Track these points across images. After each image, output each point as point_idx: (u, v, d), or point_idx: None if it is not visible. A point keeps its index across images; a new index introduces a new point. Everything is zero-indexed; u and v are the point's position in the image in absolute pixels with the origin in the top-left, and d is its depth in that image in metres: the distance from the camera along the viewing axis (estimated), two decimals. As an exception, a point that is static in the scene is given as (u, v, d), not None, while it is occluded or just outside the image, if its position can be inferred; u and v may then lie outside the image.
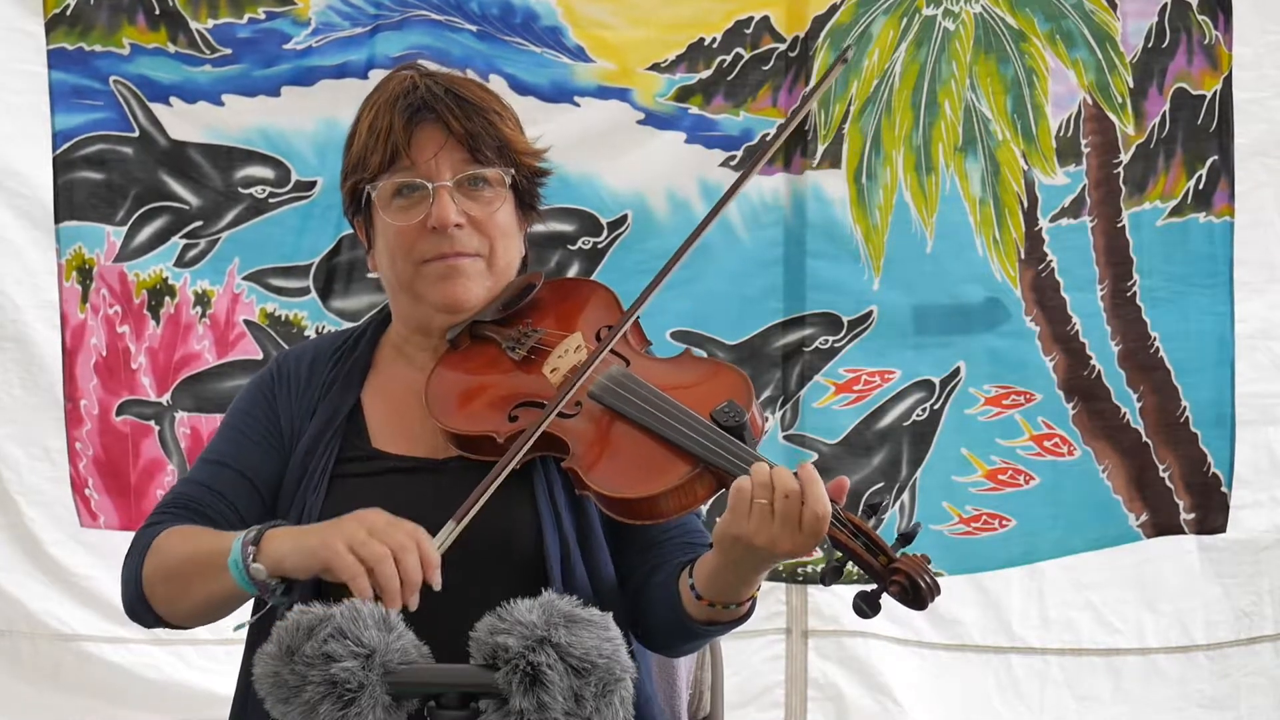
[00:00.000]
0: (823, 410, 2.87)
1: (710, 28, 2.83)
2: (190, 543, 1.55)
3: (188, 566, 1.53)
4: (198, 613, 1.56)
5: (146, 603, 1.58)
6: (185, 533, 1.57)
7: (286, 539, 1.46)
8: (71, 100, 2.77)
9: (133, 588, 1.58)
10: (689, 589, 1.50)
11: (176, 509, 1.60)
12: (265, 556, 1.46)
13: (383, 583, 1.40)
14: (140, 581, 1.57)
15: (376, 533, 1.42)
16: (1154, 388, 2.87)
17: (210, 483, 1.62)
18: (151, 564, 1.57)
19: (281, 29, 2.79)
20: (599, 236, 2.85)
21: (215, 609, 1.55)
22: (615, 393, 1.54)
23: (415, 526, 1.43)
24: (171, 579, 1.55)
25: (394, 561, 1.40)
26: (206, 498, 1.61)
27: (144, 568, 1.57)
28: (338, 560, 1.41)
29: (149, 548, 1.57)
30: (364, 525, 1.43)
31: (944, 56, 2.83)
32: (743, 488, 1.42)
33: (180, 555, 1.55)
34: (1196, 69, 2.84)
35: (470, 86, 1.66)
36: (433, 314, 1.64)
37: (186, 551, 1.54)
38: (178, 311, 2.82)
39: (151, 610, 1.58)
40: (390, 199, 1.63)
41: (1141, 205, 2.86)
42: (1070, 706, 2.90)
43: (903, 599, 1.42)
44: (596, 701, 1.28)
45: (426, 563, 1.41)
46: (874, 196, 2.85)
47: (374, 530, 1.42)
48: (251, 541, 1.47)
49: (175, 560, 1.55)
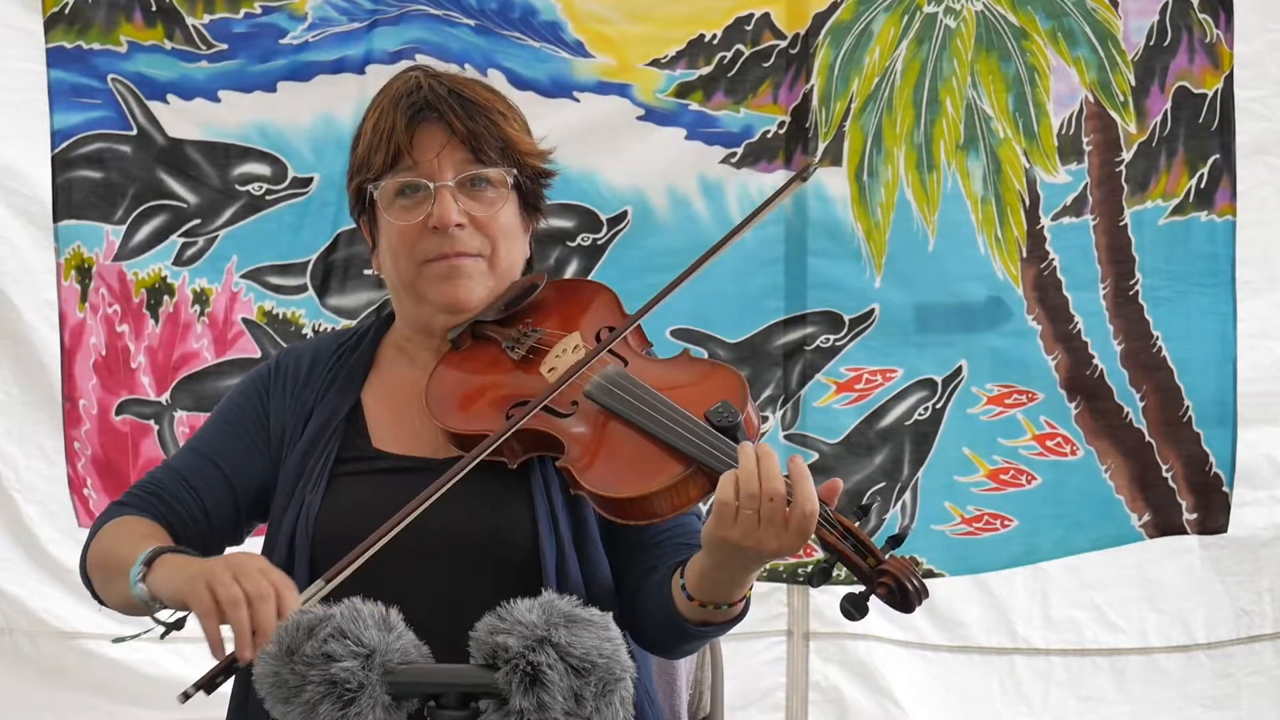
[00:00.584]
0: (824, 409, 2.87)
1: (710, 24, 2.82)
2: (121, 541, 1.56)
3: (110, 564, 1.55)
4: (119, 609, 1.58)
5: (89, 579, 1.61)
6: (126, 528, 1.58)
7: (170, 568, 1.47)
8: (70, 99, 2.76)
9: (81, 562, 1.62)
10: (680, 589, 1.50)
11: (145, 494, 1.63)
12: (151, 578, 1.48)
13: (233, 625, 1.40)
14: (86, 559, 1.61)
15: (241, 576, 1.41)
16: (1156, 387, 2.86)
17: (186, 473, 1.63)
18: (94, 548, 1.60)
19: (278, 24, 2.78)
20: (598, 233, 2.85)
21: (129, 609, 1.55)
22: (610, 392, 1.54)
23: (284, 578, 1.43)
24: (99, 569, 1.58)
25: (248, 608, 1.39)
26: (178, 489, 1.62)
27: (90, 548, 1.60)
28: (195, 597, 1.41)
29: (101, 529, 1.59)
30: (230, 568, 1.42)
31: (945, 54, 2.82)
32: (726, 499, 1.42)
33: (109, 550, 1.57)
34: (1198, 67, 2.83)
35: (475, 87, 1.66)
36: (434, 314, 1.64)
37: (114, 549, 1.56)
38: (176, 310, 2.81)
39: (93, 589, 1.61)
40: (393, 199, 1.62)
41: (1144, 204, 2.85)
42: (1073, 708, 2.90)
43: (890, 601, 1.43)
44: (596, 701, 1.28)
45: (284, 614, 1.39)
46: (875, 194, 2.84)
47: (239, 574, 1.42)
48: (144, 562, 1.49)
49: (105, 554, 1.57)
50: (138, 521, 1.58)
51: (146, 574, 1.47)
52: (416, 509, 1.48)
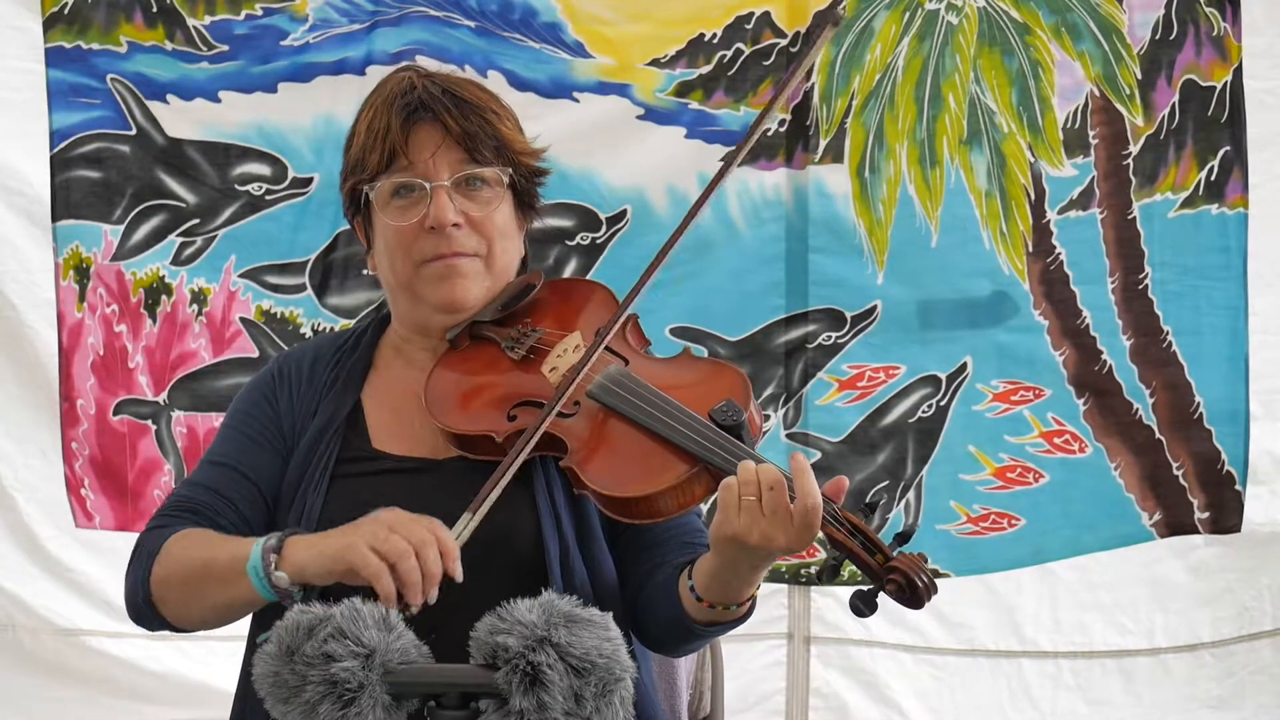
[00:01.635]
0: (826, 408, 2.84)
1: (710, 23, 2.82)
2: (203, 548, 1.54)
3: (202, 573, 1.52)
4: (209, 618, 1.55)
5: (154, 608, 1.57)
6: (196, 537, 1.56)
7: (307, 546, 1.46)
8: (69, 99, 2.79)
9: (141, 593, 1.57)
10: (688, 590, 1.50)
11: (180, 512, 1.60)
12: (286, 564, 1.46)
13: (405, 578, 1.40)
14: (148, 586, 1.56)
15: (397, 529, 1.42)
16: (1166, 383, 2.82)
17: (213, 484, 1.61)
18: (162, 569, 1.55)
19: (279, 25, 2.80)
20: (598, 232, 2.84)
21: (228, 615, 1.54)
22: (613, 392, 1.55)
23: (432, 520, 1.44)
24: (185, 584, 1.54)
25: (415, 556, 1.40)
26: (210, 500, 1.60)
27: (153, 573, 1.56)
28: (362, 560, 1.41)
29: (158, 552, 1.55)
30: (383, 524, 1.43)
31: (947, 50, 2.81)
32: (729, 485, 1.42)
33: (193, 561, 1.53)
34: (1205, 60, 2.81)
35: (468, 86, 1.66)
36: (431, 314, 1.64)
37: (201, 558, 1.53)
38: (174, 310, 2.82)
39: (158, 615, 1.57)
40: (388, 199, 1.63)
41: (1152, 197, 2.82)
42: (1083, 712, 2.84)
43: (899, 598, 1.43)
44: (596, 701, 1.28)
45: (446, 554, 1.41)
46: (877, 191, 2.82)
47: (394, 527, 1.42)
48: (273, 549, 1.47)
49: (188, 566, 1.54)
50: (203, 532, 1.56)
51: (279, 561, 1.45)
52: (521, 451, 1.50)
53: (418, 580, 1.39)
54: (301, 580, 1.45)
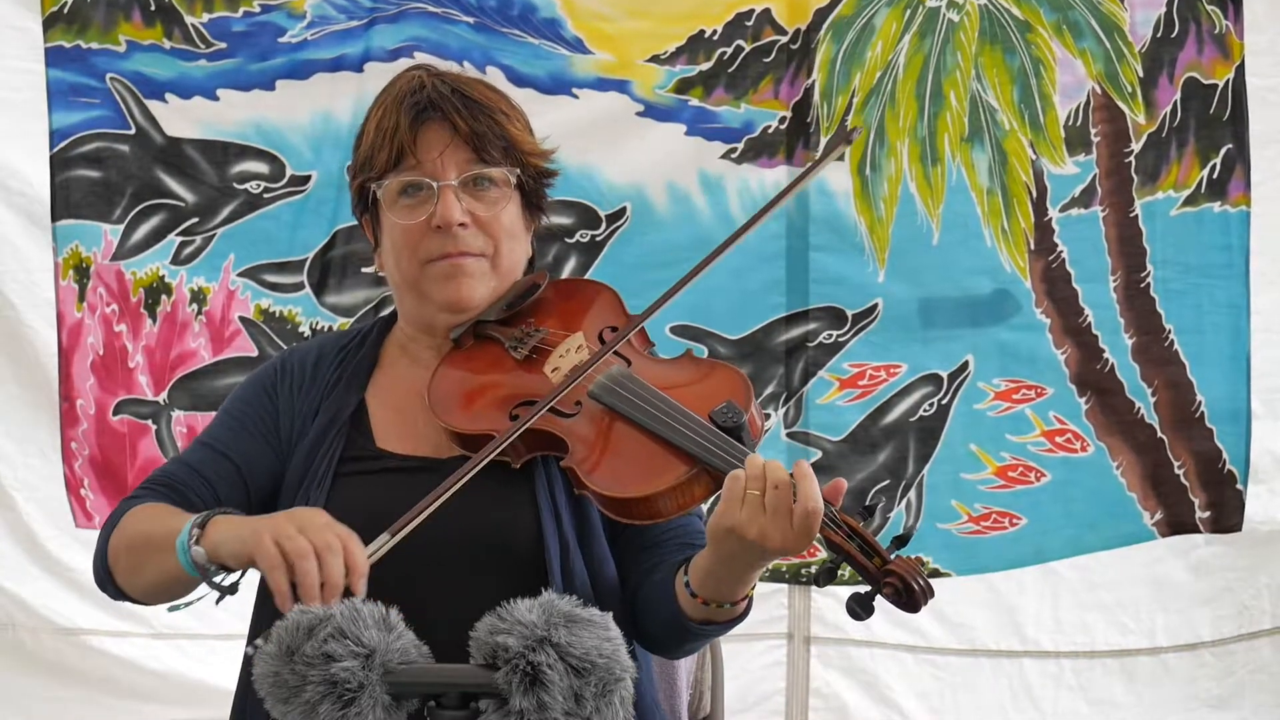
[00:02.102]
0: (827, 406, 2.83)
1: (710, 20, 2.82)
2: (153, 520, 1.55)
3: (145, 542, 1.54)
4: (151, 590, 1.56)
5: (110, 573, 1.59)
6: (153, 510, 1.57)
7: (228, 526, 1.46)
8: (69, 98, 2.78)
9: (99, 558, 1.60)
10: (684, 586, 1.50)
11: (158, 486, 1.61)
12: (206, 540, 1.46)
13: (300, 579, 1.38)
14: (105, 552, 1.59)
15: (305, 530, 1.41)
16: (1168, 382, 2.81)
17: (196, 465, 1.62)
18: (118, 536, 1.57)
19: (277, 22, 2.79)
20: (597, 229, 2.83)
21: (167, 588, 1.54)
22: (614, 392, 1.54)
23: (350, 532, 1.42)
24: (131, 552, 1.56)
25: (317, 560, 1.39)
26: (191, 479, 1.61)
27: (111, 538, 1.58)
28: (260, 550, 1.40)
29: (122, 518, 1.58)
30: (294, 521, 1.42)
31: (949, 48, 2.80)
32: (736, 477, 1.42)
33: (141, 531, 1.55)
34: (1207, 58, 2.80)
35: (478, 86, 1.66)
36: (437, 313, 1.64)
37: (147, 528, 1.54)
38: (174, 309, 2.82)
39: (114, 582, 1.59)
40: (396, 197, 1.63)
41: (1154, 195, 2.81)
42: (1085, 712, 2.84)
43: (896, 601, 1.42)
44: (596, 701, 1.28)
45: (352, 568, 1.39)
46: (878, 188, 2.82)
47: (304, 527, 1.41)
48: (198, 525, 1.47)
49: (136, 535, 1.55)
50: (161, 505, 1.57)
51: (200, 537, 1.45)
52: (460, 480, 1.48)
53: (314, 583, 1.37)
54: (216, 559, 1.45)
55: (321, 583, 1.38)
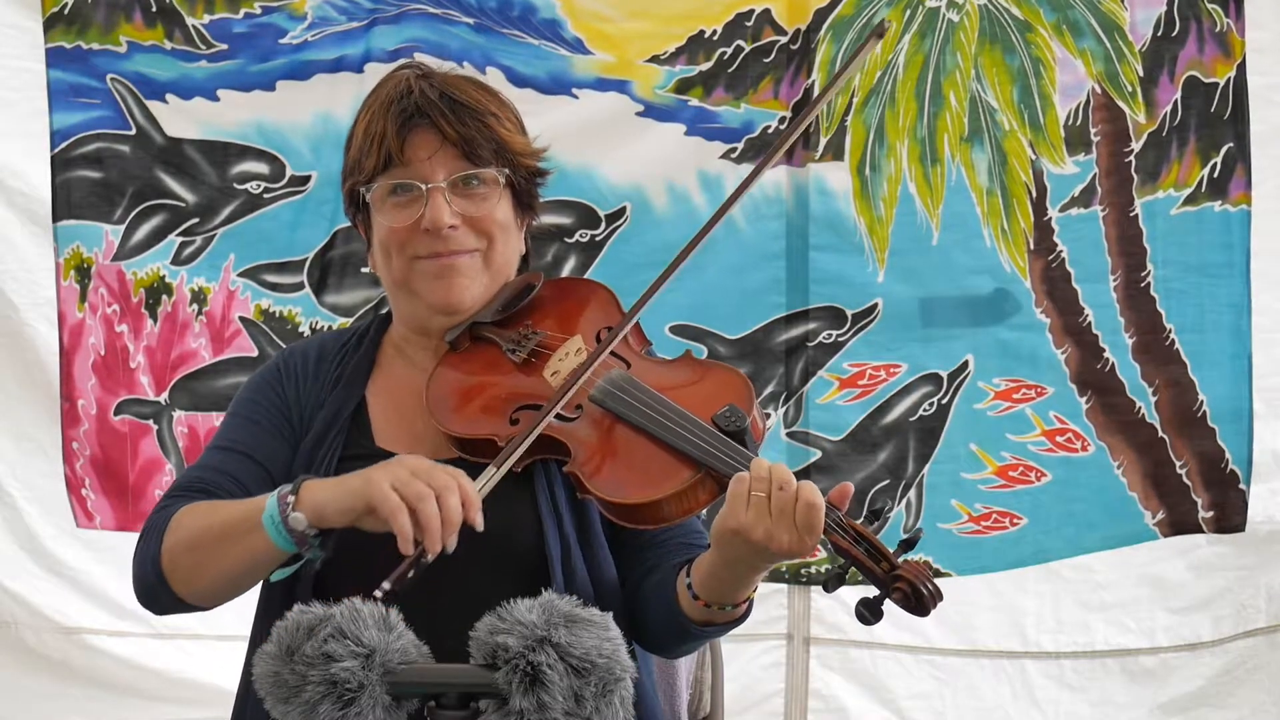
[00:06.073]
0: (827, 406, 2.83)
1: (710, 20, 2.82)
2: (212, 513, 1.53)
3: (215, 533, 1.51)
4: (220, 586, 1.53)
5: (166, 582, 1.54)
6: (207, 505, 1.55)
7: (325, 487, 1.46)
8: (69, 99, 2.79)
9: (150, 568, 1.55)
10: (686, 589, 1.49)
11: (189, 491, 1.59)
12: (304, 505, 1.45)
13: (424, 521, 1.40)
14: (159, 560, 1.54)
15: (419, 473, 1.42)
16: (1169, 381, 2.80)
17: (222, 467, 1.60)
18: (172, 539, 1.54)
19: (277, 23, 2.80)
20: (597, 229, 2.83)
21: (241, 577, 1.52)
22: (616, 396, 1.54)
23: (458, 470, 1.44)
24: (193, 551, 1.53)
25: (436, 501, 1.40)
26: (220, 480, 1.59)
27: (163, 545, 1.54)
28: (382, 496, 1.41)
29: (167, 526, 1.54)
30: (406, 466, 1.43)
31: (948, 48, 2.80)
32: (742, 479, 1.43)
33: (206, 524, 1.52)
34: (1208, 57, 2.80)
35: (466, 88, 1.64)
36: (430, 315, 1.63)
37: (212, 520, 1.52)
38: (175, 310, 2.82)
39: (170, 590, 1.55)
40: (384, 197, 1.62)
41: (1155, 194, 2.81)
42: (1085, 713, 2.83)
43: (905, 605, 1.42)
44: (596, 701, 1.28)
45: (468, 503, 1.42)
46: (878, 188, 2.81)
47: (417, 471, 1.42)
48: (290, 492, 1.46)
49: (200, 529, 1.53)
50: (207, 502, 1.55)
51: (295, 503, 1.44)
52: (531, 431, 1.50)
53: (437, 526, 1.39)
54: (320, 521, 1.44)
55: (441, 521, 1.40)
